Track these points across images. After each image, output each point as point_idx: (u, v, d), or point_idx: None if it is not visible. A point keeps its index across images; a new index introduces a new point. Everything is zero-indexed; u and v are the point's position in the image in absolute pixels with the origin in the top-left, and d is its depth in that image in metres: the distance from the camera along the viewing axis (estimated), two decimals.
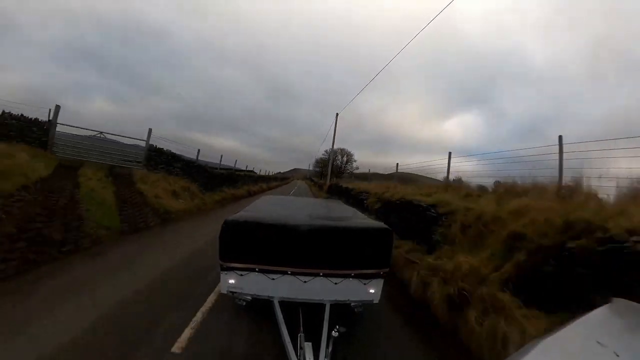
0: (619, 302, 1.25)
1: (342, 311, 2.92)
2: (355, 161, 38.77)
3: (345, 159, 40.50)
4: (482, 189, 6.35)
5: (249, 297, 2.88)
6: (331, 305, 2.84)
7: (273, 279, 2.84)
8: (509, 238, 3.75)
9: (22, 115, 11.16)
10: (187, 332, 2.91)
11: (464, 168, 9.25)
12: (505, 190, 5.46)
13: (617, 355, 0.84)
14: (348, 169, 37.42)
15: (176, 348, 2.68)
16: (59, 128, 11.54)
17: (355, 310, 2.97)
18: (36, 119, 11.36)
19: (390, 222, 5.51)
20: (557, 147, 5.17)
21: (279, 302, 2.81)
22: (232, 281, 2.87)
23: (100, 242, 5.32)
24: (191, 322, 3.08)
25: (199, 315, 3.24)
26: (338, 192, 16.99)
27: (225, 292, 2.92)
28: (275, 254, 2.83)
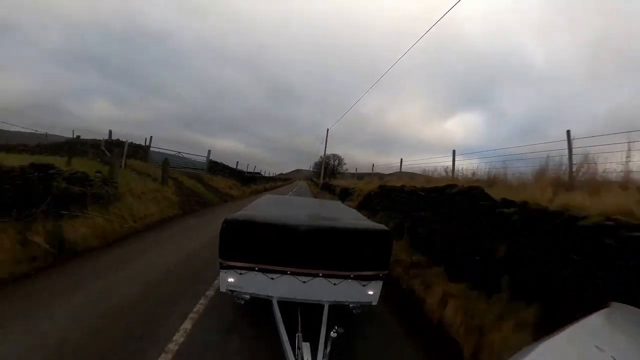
0: (618, 307, 1.26)
1: (340, 312, 2.95)
2: (345, 164, 48.08)
3: (337, 162, 49.53)
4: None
5: (248, 296, 2.90)
6: (330, 306, 2.86)
7: (272, 278, 2.85)
8: (366, 194, 11.26)
9: (132, 142, 18.83)
10: None
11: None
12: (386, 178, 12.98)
13: None
14: (340, 170, 45.93)
15: None
16: (152, 149, 19.22)
17: (354, 311, 2.98)
18: (140, 144, 19.00)
19: (339, 197, 13.14)
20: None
21: (277, 301, 2.83)
22: (231, 280, 2.88)
23: (217, 203, 13.01)
24: None
25: None
26: (326, 188, 24.85)
27: (224, 291, 2.91)
28: (275, 254, 2.85)
